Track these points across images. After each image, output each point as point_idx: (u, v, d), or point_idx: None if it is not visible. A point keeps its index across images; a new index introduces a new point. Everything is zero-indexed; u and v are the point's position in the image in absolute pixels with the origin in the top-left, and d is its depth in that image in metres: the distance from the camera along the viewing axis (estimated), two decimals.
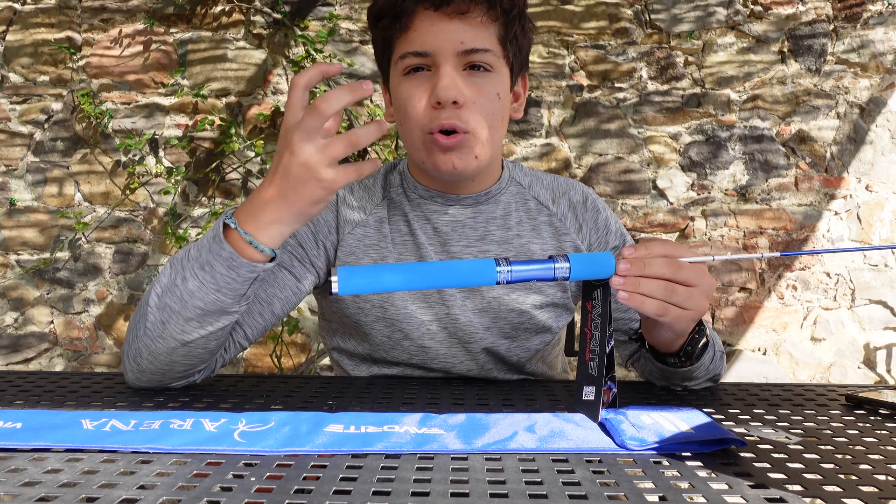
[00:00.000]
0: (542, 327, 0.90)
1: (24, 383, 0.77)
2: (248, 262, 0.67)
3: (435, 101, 0.77)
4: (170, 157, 2.43)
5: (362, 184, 0.92)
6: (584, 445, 0.53)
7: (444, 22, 0.77)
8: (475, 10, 0.77)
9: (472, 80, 0.79)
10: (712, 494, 0.43)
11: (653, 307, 0.61)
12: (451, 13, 0.77)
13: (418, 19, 0.78)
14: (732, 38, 2.40)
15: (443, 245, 0.88)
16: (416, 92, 0.80)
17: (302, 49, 2.36)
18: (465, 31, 0.77)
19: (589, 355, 0.62)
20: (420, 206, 0.89)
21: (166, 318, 0.69)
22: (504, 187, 0.92)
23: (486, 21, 0.79)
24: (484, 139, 0.80)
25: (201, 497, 0.42)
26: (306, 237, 0.86)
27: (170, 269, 0.71)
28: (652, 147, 2.42)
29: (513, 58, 0.83)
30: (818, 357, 2.46)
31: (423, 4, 0.77)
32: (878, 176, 2.43)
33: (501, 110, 0.82)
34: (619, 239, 0.95)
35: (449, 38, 0.77)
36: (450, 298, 0.87)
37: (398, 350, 0.88)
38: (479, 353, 0.89)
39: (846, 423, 0.63)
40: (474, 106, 0.79)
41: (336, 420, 0.58)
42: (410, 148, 0.84)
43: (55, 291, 2.45)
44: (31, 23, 2.41)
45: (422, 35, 0.78)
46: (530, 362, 0.93)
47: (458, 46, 0.77)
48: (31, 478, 0.45)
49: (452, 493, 0.43)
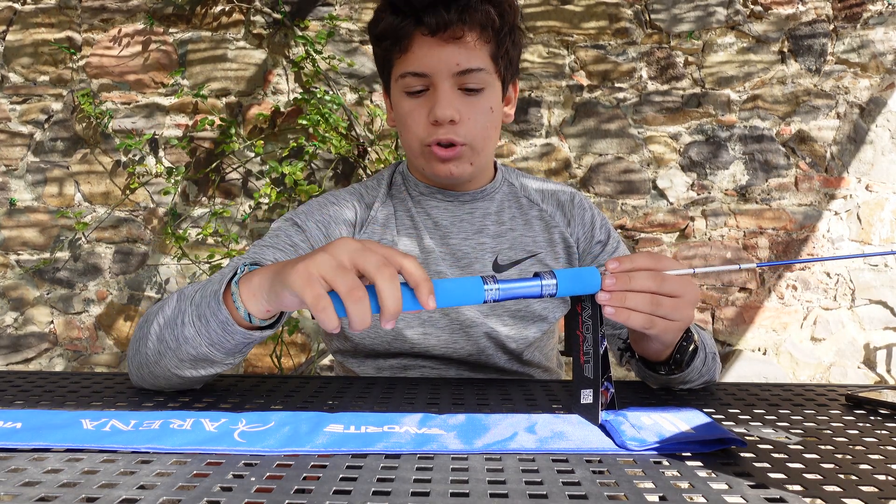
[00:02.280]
0: (539, 316, 0.95)
1: (24, 383, 0.77)
2: (244, 330, 0.64)
3: (433, 119, 0.85)
4: (170, 157, 2.43)
5: (367, 185, 0.99)
6: (584, 446, 0.53)
7: (440, 46, 0.83)
8: (469, 35, 0.84)
9: (466, 99, 0.86)
10: (712, 494, 0.43)
11: (639, 321, 0.62)
12: (447, 38, 0.83)
13: (416, 43, 0.84)
14: (732, 38, 2.40)
15: (443, 238, 0.95)
16: (415, 109, 0.87)
17: (302, 49, 2.36)
18: (459, 53, 0.84)
19: (583, 358, 0.62)
20: (421, 203, 0.96)
21: (163, 350, 0.68)
22: (498, 186, 0.99)
23: (479, 43, 0.85)
24: (479, 149, 0.89)
25: (201, 497, 0.42)
26: (319, 241, 0.89)
27: (175, 303, 0.69)
28: (652, 147, 2.42)
29: (504, 70, 0.90)
30: (818, 357, 2.46)
31: (421, 30, 0.83)
32: (878, 176, 2.43)
33: (494, 121, 0.90)
34: (604, 234, 1.00)
35: (445, 60, 0.84)
36: None
37: (400, 340, 0.91)
38: (479, 337, 0.92)
39: (846, 423, 0.63)
40: (469, 122, 0.86)
41: (336, 420, 0.58)
42: (410, 155, 0.92)
43: (55, 291, 2.45)
44: (32, 23, 2.41)
45: (420, 58, 0.84)
46: (528, 349, 0.96)
47: (454, 68, 0.84)
48: (32, 478, 0.45)
49: (452, 493, 0.43)
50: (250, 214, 2.42)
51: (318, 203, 0.94)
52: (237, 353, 0.68)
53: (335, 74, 2.39)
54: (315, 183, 2.41)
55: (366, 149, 2.37)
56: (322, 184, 2.41)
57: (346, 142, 2.33)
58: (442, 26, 0.82)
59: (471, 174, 0.91)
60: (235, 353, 0.68)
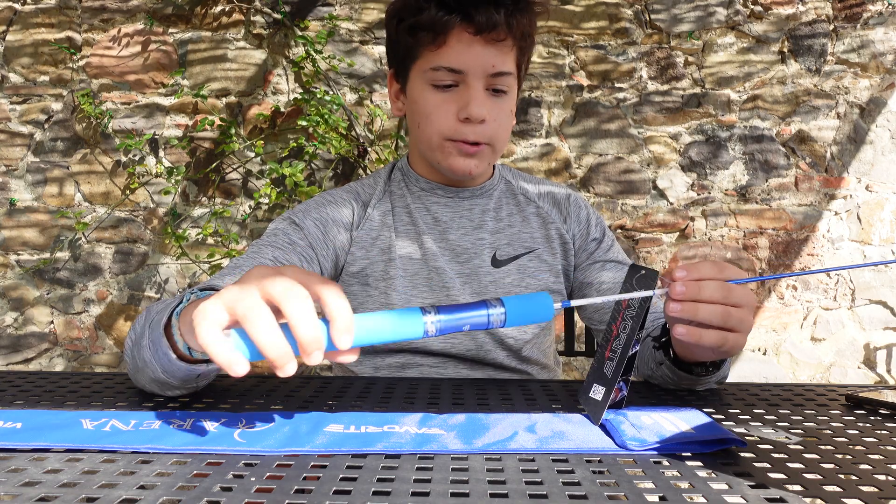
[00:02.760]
0: None
1: (24, 383, 0.77)
2: (185, 365, 0.58)
3: (464, 117, 0.85)
4: (170, 158, 2.43)
5: (364, 183, 1.00)
6: (584, 446, 0.53)
7: (479, 45, 0.84)
8: (509, 39, 0.85)
9: (494, 100, 0.88)
10: (712, 494, 0.43)
11: (712, 339, 0.58)
12: (490, 39, 0.83)
13: (455, 38, 0.84)
14: (732, 38, 2.40)
15: (442, 234, 0.95)
16: (443, 104, 0.86)
17: (302, 49, 2.36)
18: (496, 55, 0.85)
19: (609, 354, 0.59)
20: (421, 198, 0.97)
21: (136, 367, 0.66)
22: (496, 183, 1.01)
23: (513, 48, 0.87)
24: (498, 150, 0.91)
25: (201, 497, 0.42)
26: (317, 239, 0.89)
27: (143, 321, 0.65)
28: (652, 147, 2.42)
29: (521, 75, 0.92)
30: (818, 357, 2.46)
31: (466, 27, 0.83)
32: (878, 176, 2.42)
33: (510, 123, 0.92)
34: (599, 231, 1.01)
35: (482, 60, 0.84)
36: (449, 282, 0.93)
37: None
38: (478, 333, 0.93)
39: (846, 423, 0.63)
40: (495, 123, 0.88)
41: (336, 420, 0.58)
42: (427, 148, 0.91)
43: (55, 291, 2.45)
44: (32, 23, 2.41)
45: (459, 54, 0.84)
46: (527, 346, 0.97)
47: (490, 69, 0.85)
48: (32, 478, 0.45)
49: (452, 493, 0.43)
50: (250, 214, 2.42)
51: (315, 202, 0.94)
52: (192, 384, 0.64)
53: (335, 74, 2.39)
54: (315, 183, 2.41)
55: (366, 149, 2.37)
56: (322, 184, 2.41)
57: (346, 142, 2.33)
58: (490, 26, 0.82)
59: (483, 172, 0.93)
60: (190, 383, 0.64)
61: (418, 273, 0.94)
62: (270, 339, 0.45)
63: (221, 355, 0.46)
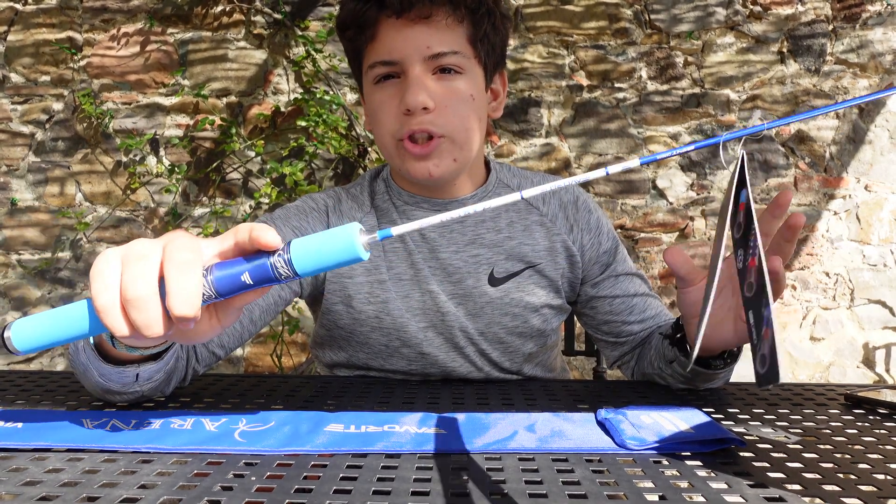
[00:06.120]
0: (536, 331, 0.90)
1: (25, 383, 0.77)
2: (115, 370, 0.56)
3: (405, 109, 0.77)
4: (170, 157, 2.43)
5: (350, 193, 0.92)
6: (583, 445, 0.53)
7: (408, 28, 0.76)
8: (439, 14, 0.76)
9: (443, 84, 0.78)
10: (712, 494, 0.43)
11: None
12: (415, 18, 0.76)
13: (383, 28, 0.78)
14: (732, 38, 2.40)
15: (431, 251, 0.86)
16: (386, 100, 0.79)
17: (302, 49, 2.36)
18: (430, 35, 0.76)
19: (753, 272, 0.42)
20: (407, 214, 0.87)
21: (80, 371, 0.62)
22: (492, 190, 0.90)
23: (451, 23, 0.77)
24: (461, 142, 0.80)
25: (202, 496, 0.42)
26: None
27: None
28: (652, 147, 2.42)
29: (485, 56, 0.82)
30: (817, 357, 2.46)
31: (386, 13, 0.76)
32: (877, 176, 2.43)
33: (478, 111, 0.81)
34: (610, 240, 0.93)
35: (414, 44, 0.76)
36: (443, 305, 0.86)
37: (396, 357, 0.88)
38: (475, 356, 0.88)
39: (845, 423, 0.63)
40: (447, 110, 0.78)
41: (336, 420, 0.58)
42: (387, 156, 0.83)
43: (56, 291, 2.45)
44: (33, 23, 2.41)
45: (387, 43, 0.77)
46: (527, 365, 0.92)
47: (425, 51, 0.76)
48: (32, 477, 0.45)
49: (452, 493, 0.43)
50: (251, 214, 2.42)
51: (295, 209, 0.88)
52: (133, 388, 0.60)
53: (335, 74, 2.39)
54: (315, 183, 2.41)
55: (366, 149, 2.37)
56: (322, 184, 2.41)
57: (346, 142, 2.33)
58: (406, 5, 0.75)
59: (454, 172, 0.81)
60: (133, 387, 0.60)
61: (409, 295, 0.87)
62: (102, 286, 0.44)
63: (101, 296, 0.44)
